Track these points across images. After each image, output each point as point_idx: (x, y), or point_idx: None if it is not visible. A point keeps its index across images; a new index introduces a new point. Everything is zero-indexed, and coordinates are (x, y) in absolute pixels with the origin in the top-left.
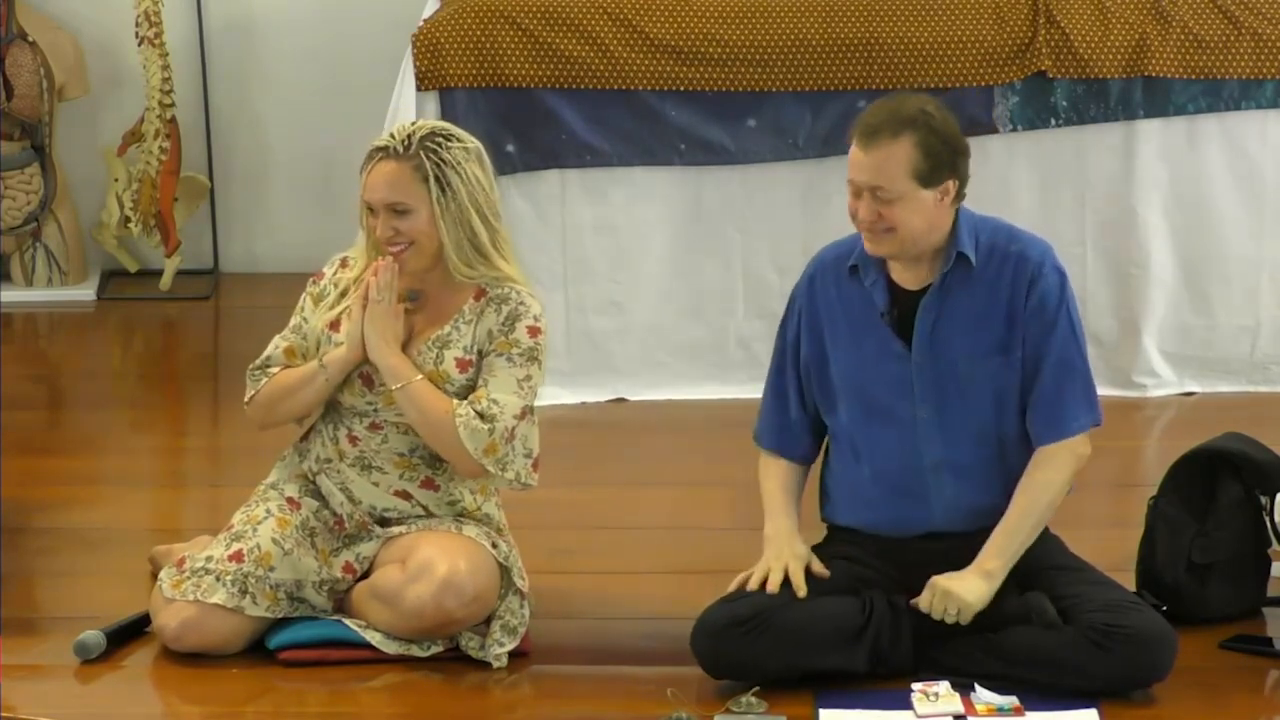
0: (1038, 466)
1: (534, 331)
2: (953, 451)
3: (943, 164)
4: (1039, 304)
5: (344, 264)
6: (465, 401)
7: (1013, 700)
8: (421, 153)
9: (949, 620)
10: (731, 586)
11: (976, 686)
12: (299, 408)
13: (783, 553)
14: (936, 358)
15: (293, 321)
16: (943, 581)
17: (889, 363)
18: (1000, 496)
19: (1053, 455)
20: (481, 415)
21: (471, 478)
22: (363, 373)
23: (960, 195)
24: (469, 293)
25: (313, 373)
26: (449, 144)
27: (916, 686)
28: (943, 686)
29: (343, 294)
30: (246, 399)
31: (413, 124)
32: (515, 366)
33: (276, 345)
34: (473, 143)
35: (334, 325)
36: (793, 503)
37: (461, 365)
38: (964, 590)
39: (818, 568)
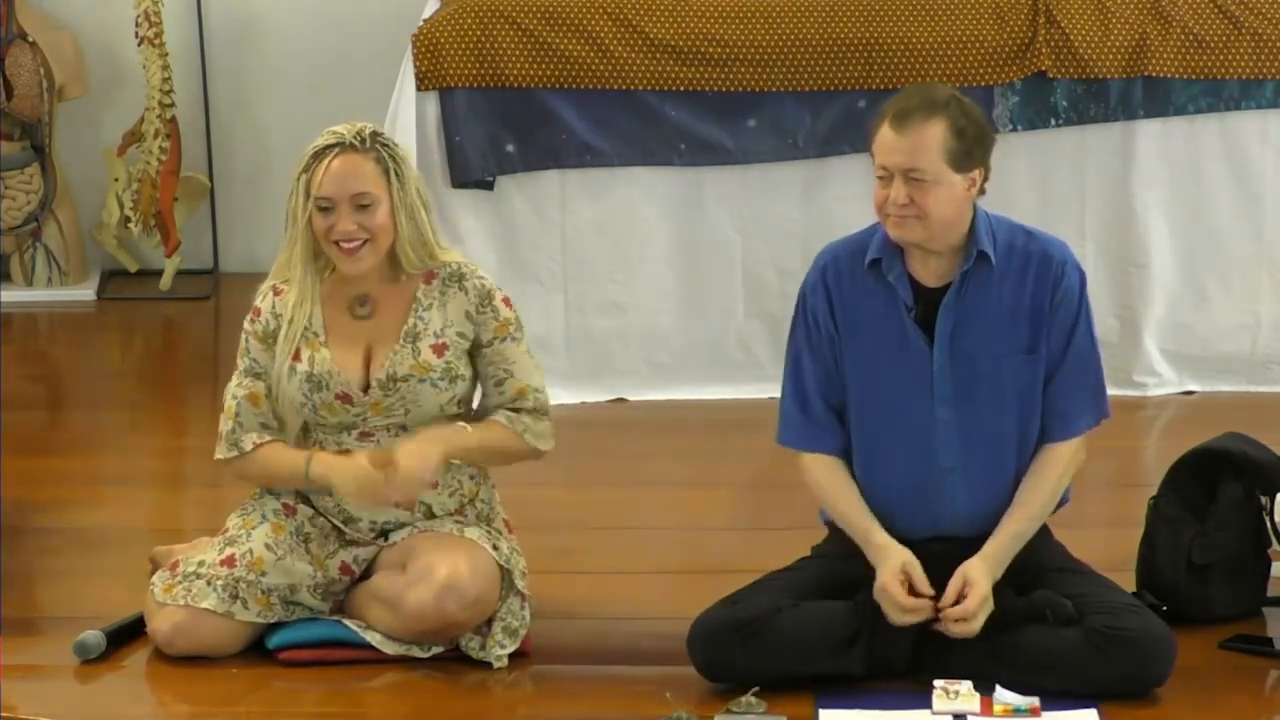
0: (1048, 467)
1: (508, 301)
2: (969, 455)
3: (974, 148)
4: (1063, 302)
5: (276, 291)
6: (507, 412)
7: (1032, 701)
8: (378, 146)
9: (962, 625)
10: (905, 618)
11: (997, 686)
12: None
13: (904, 557)
14: (958, 357)
15: (242, 365)
16: (982, 584)
17: (910, 360)
18: (1009, 501)
19: (1059, 456)
20: (535, 411)
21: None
22: (339, 392)
23: (982, 190)
24: (416, 280)
25: (300, 472)
26: (391, 140)
27: (939, 683)
28: (965, 685)
29: (290, 321)
30: (224, 458)
31: (347, 126)
32: (519, 343)
33: (235, 396)
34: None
35: (295, 356)
36: (871, 513)
37: (437, 350)
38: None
39: (919, 575)
